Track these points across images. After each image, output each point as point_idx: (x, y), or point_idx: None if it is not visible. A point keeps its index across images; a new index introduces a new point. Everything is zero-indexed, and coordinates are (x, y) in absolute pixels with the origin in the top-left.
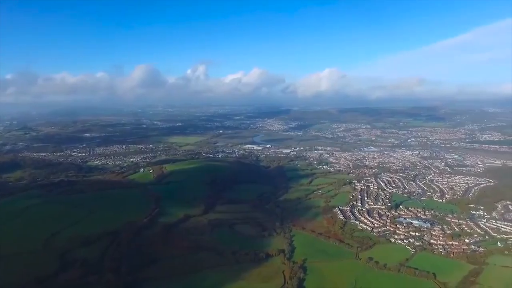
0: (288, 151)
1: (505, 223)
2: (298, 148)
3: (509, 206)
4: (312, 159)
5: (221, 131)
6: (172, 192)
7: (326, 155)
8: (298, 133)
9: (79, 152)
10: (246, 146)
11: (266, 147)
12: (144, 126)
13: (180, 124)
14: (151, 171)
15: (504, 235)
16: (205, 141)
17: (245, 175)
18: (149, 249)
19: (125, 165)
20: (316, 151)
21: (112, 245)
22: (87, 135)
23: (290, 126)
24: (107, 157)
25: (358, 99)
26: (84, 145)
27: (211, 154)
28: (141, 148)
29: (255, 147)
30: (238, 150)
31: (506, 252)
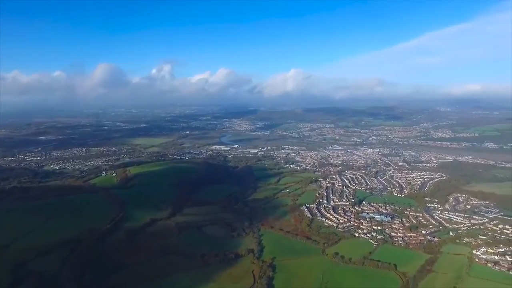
0: (256, 151)
1: (456, 214)
2: (265, 147)
3: (459, 198)
4: (279, 159)
5: (187, 132)
6: (137, 196)
7: (293, 154)
8: (265, 133)
9: (34, 156)
10: (214, 146)
11: (234, 147)
12: (106, 127)
13: (144, 125)
14: (114, 174)
15: (455, 225)
16: (171, 143)
17: (213, 176)
18: (113, 256)
19: (85, 169)
20: (283, 151)
21: (73, 254)
22: (43, 138)
23: (257, 126)
24: (65, 161)
25: (322, 99)
26: (39, 148)
27: (177, 156)
28: (103, 150)
29: (223, 147)
30: (205, 151)
31: (457, 241)
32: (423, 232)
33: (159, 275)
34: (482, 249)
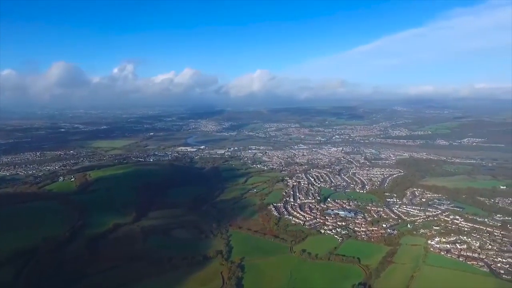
0: (223, 151)
1: (413, 207)
2: (232, 148)
3: (416, 192)
4: (246, 159)
5: (151, 133)
6: (98, 201)
7: (260, 154)
8: (232, 133)
9: None
10: (180, 148)
11: (200, 149)
12: (63, 130)
13: (105, 127)
14: (72, 179)
15: (412, 218)
16: (134, 145)
17: (179, 177)
18: (73, 265)
19: (40, 174)
20: (250, 151)
21: (28, 265)
22: None
23: (224, 126)
24: (17, 166)
25: (288, 99)
26: None
27: (141, 158)
28: (60, 154)
29: (189, 148)
30: (171, 153)
31: (414, 232)
32: (384, 225)
33: (123, 282)
34: (436, 239)
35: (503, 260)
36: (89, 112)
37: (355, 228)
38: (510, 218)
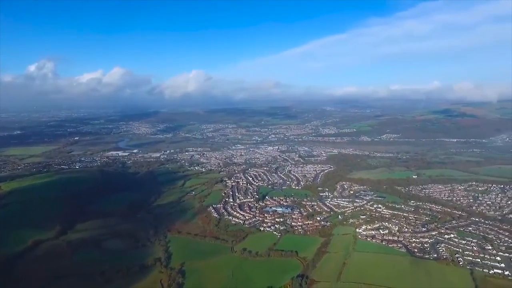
0: (158, 154)
1: (343, 199)
2: (168, 151)
3: (344, 185)
4: (183, 161)
5: (76, 138)
6: (13, 216)
7: (197, 156)
8: (168, 135)
9: None
10: (110, 153)
11: (133, 152)
12: None
13: (19, 132)
14: None
15: (342, 209)
16: (56, 151)
17: (111, 184)
18: None
19: None
20: (187, 153)
21: None
22: None
23: (159, 128)
24: None
25: (224, 100)
26: None
27: (65, 165)
28: None
29: (120, 153)
30: (99, 158)
31: (345, 223)
32: (318, 218)
33: None
34: (363, 227)
35: (417, 240)
36: None
37: (292, 223)
38: (421, 203)
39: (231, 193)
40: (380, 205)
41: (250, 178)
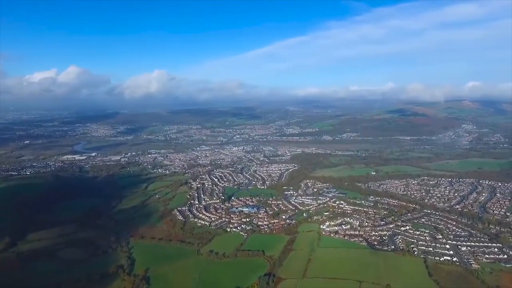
0: (119, 157)
1: (307, 197)
2: (129, 153)
3: (308, 183)
4: (146, 164)
5: (27, 141)
6: None
7: (161, 158)
8: (128, 137)
9: None
10: (65, 157)
11: (91, 156)
12: None
13: None
14: None
15: (307, 207)
16: (3, 156)
17: (67, 190)
18: None
19: None
20: (149, 155)
21: None
22: None
23: (119, 130)
24: None
25: (187, 100)
26: None
27: (14, 172)
28: None
29: (77, 156)
30: (54, 163)
31: (309, 220)
32: (284, 217)
33: None
34: (326, 224)
35: (376, 233)
36: None
37: (258, 223)
38: (379, 198)
39: (196, 195)
40: (342, 202)
41: (216, 179)
